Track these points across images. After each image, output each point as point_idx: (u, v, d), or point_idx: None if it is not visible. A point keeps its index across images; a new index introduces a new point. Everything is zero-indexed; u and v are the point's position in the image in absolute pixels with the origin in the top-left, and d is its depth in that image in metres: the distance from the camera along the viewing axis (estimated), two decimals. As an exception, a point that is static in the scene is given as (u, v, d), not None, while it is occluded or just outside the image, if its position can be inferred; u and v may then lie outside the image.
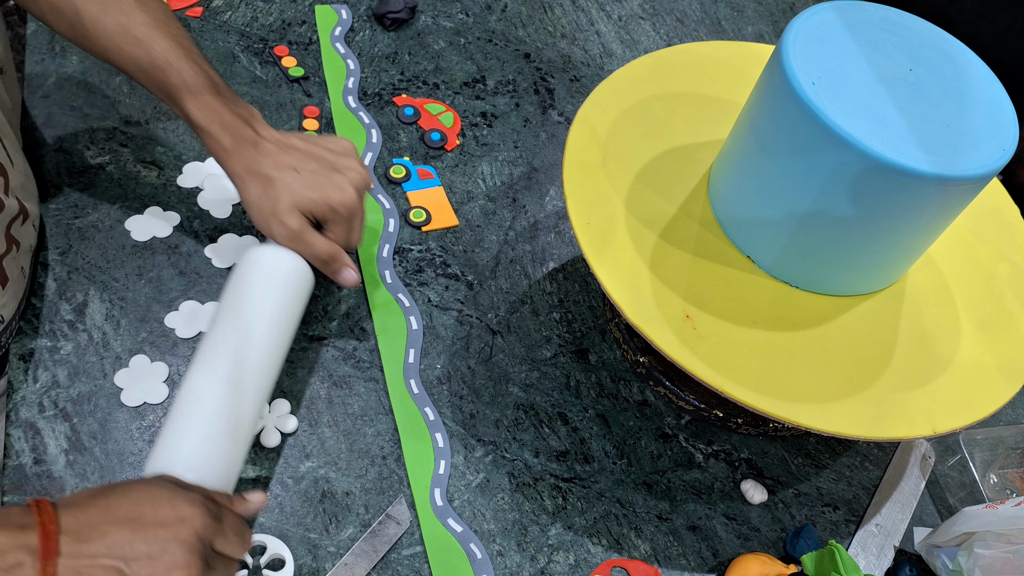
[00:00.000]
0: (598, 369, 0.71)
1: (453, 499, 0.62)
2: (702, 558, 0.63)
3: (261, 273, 0.60)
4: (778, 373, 0.55)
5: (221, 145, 0.61)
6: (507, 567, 0.60)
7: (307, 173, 0.61)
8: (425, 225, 0.77)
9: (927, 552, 0.64)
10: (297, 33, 0.89)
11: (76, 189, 0.72)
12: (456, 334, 0.70)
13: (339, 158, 0.63)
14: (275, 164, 0.60)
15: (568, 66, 0.94)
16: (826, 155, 0.51)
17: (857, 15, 0.56)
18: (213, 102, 0.61)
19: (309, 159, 0.62)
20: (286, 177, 0.60)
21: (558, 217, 0.80)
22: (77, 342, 0.64)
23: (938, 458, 0.71)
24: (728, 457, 0.68)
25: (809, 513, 0.66)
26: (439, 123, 0.85)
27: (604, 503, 0.64)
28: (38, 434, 0.60)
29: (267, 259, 0.61)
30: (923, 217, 0.53)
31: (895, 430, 0.54)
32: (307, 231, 0.61)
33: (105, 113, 0.78)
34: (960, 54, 0.56)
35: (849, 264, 0.58)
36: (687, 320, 0.56)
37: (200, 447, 0.53)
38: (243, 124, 0.61)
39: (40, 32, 0.83)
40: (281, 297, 0.60)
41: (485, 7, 0.97)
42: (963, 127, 0.52)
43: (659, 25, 1.02)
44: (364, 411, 0.65)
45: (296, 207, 0.60)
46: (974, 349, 0.59)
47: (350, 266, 0.63)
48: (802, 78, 0.51)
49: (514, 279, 0.75)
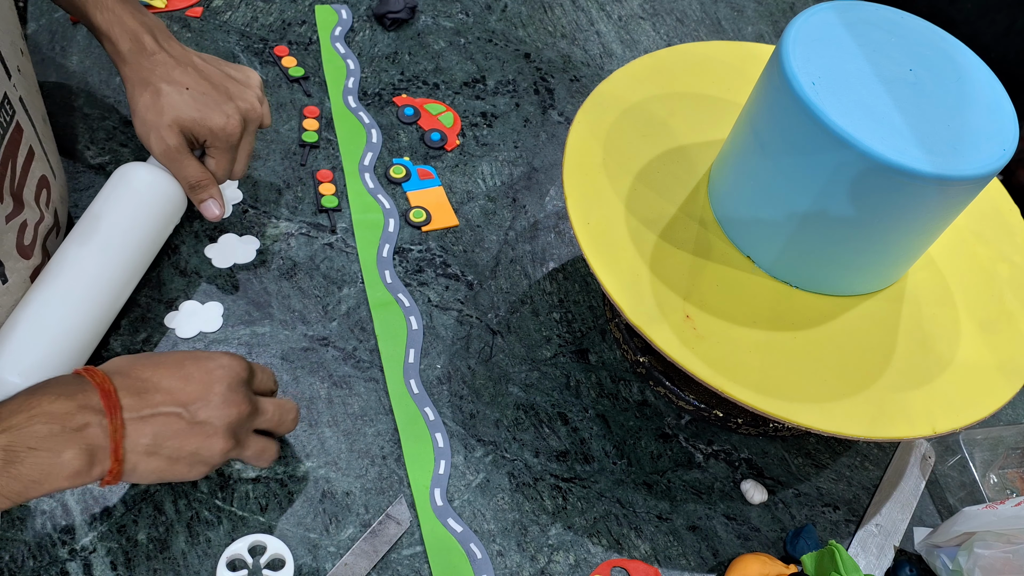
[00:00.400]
0: (598, 369, 0.71)
1: (453, 499, 0.62)
2: (702, 558, 0.63)
3: (126, 185, 0.61)
4: (778, 373, 0.55)
5: (118, 51, 0.61)
6: (507, 567, 0.60)
7: (197, 93, 0.61)
8: (425, 225, 0.77)
9: (927, 552, 0.64)
10: (297, 33, 0.89)
11: (76, 189, 0.72)
12: (456, 334, 0.70)
13: (237, 86, 0.63)
14: (167, 78, 0.60)
15: (568, 66, 0.94)
16: (826, 155, 0.51)
17: (857, 15, 0.56)
18: (116, 6, 0.60)
19: (204, 80, 0.62)
20: (174, 92, 0.60)
21: (558, 217, 0.80)
22: (77, 342, 0.64)
23: (938, 458, 0.71)
24: (728, 457, 0.68)
25: (809, 513, 0.66)
26: (439, 123, 0.85)
27: (604, 503, 0.64)
28: (38, 434, 0.60)
29: (135, 174, 0.61)
30: (923, 217, 0.53)
31: (895, 430, 0.54)
32: (183, 152, 0.61)
33: (105, 113, 0.78)
34: (960, 54, 0.56)
35: (849, 264, 0.58)
36: (687, 320, 0.56)
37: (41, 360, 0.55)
38: (145, 32, 0.61)
39: (40, 32, 0.83)
40: (138, 209, 0.61)
41: (485, 7, 0.97)
42: (963, 127, 0.52)
43: (659, 25, 1.02)
44: (364, 411, 0.65)
45: (177, 124, 0.60)
46: (974, 349, 0.59)
47: (216, 199, 0.63)
48: (802, 78, 0.51)
49: (514, 279, 0.75)
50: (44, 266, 0.63)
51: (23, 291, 0.59)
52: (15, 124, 0.56)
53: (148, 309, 0.67)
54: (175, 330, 0.66)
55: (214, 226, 0.72)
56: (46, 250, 0.63)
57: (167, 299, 0.67)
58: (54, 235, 0.64)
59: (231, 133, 0.62)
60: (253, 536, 0.57)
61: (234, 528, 0.58)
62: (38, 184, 0.60)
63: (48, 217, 0.62)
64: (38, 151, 0.60)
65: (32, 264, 0.60)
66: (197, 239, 0.71)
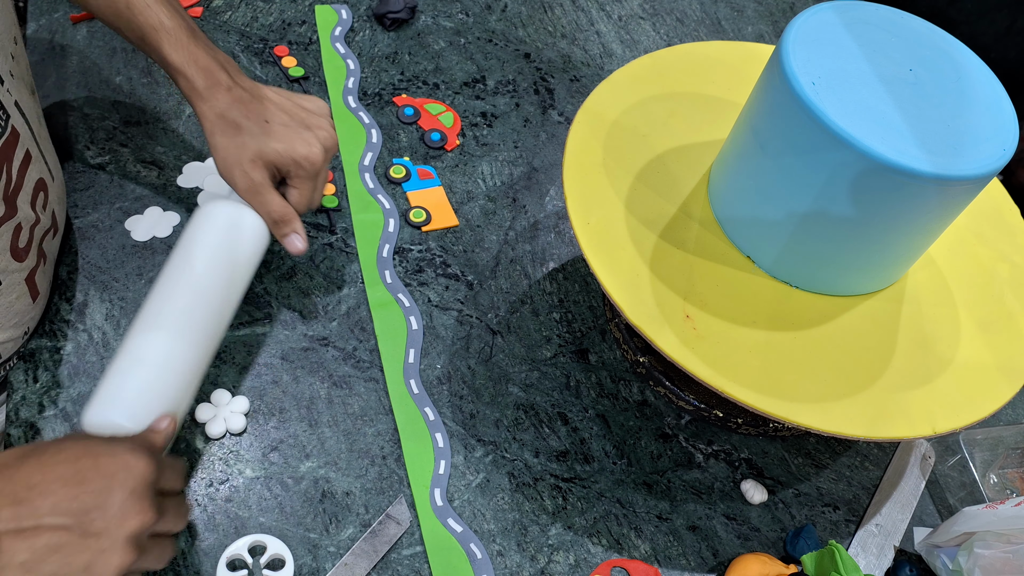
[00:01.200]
0: (598, 369, 0.71)
1: (453, 499, 0.62)
2: (702, 558, 0.63)
3: (214, 226, 0.60)
4: (778, 373, 0.55)
5: (194, 87, 0.60)
6: (507, 567, 0.60)
7: (276, 125, 0.61)
8: (425, 225, 0.77)
9: (927, 552, 0.64)
10: (297, 33, 0.89)
11: (76, 189, 0.72)
12: (456, 334, 0.70)
13: (311, 116, 0.63)
14: (246, 112, 0.60)
15: (568, 66, 0.94)
16: (826, 155, 0.51)
17: (857, 15, 0.56)
18: (189, 44, 0.60)
19: (280, 112, 0.61)
20: (255, 127, 0.60)
21: (558, 217, 0.80)
22: (77, 342, 0.64)
23: (938, 458, 0.71)
24: (728, 457, 0.68)
25: (809, 513, 0.66)
26: (439, 123, 0.85)
27: (604, 503, 0.64)
28: (38, 434, 0.60)
29: (221, 212, 0.60)
30: (923, 217, 0.53)
31: (895, 430, 0.54)
32: (266, 187, 0.60)
33: (105, 113, 0.78)
34: (960, 54, 0.56)
35: (849, 264, 0.58)
36: (687, 320, 0.56)
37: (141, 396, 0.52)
38: (219, 68, 0.60)
39: (40, 32, 0.83)
40: (233, 252, 0.59)
41: (485, 7, 0.97)
42: (963, 127, 0.52)
43: (659, 25, 1.02)
44: (364, 411, 0.65)
45: (261, 159, 0.60)
46: (974, 349, 0.59)
47: (300, 233, 0.62)
48: (802, 78, 0.51)
49: (514, 279, 0.75)
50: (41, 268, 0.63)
51: (16, 293, 0.59)
52: (10, 129, 0.55)
53: (148, 309, 0.67)
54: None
55: (214, 226, 0.72)
56: (42, 251, 0.62)
57: (167, 299, 0.67)
58: (51, 236, 0.64)
59: (314, 162, 0.61)
60: (253, 536, 0.57)
61: (234, 528, 0.58)
62: (35, 187, 0.60)
63: (45, 219, 0.62)
64: (35, 153, 0.60)
65: (27, 266, 0.60)
66: (197, 239, 0.71)
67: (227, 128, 0.60)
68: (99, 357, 0.64)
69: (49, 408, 0.61)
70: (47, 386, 0.62)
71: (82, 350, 0.64)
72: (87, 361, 0.63)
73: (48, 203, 0.63)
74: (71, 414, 0.61)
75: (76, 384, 0.62)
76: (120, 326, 0.65)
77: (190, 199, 0.74)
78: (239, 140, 0.59)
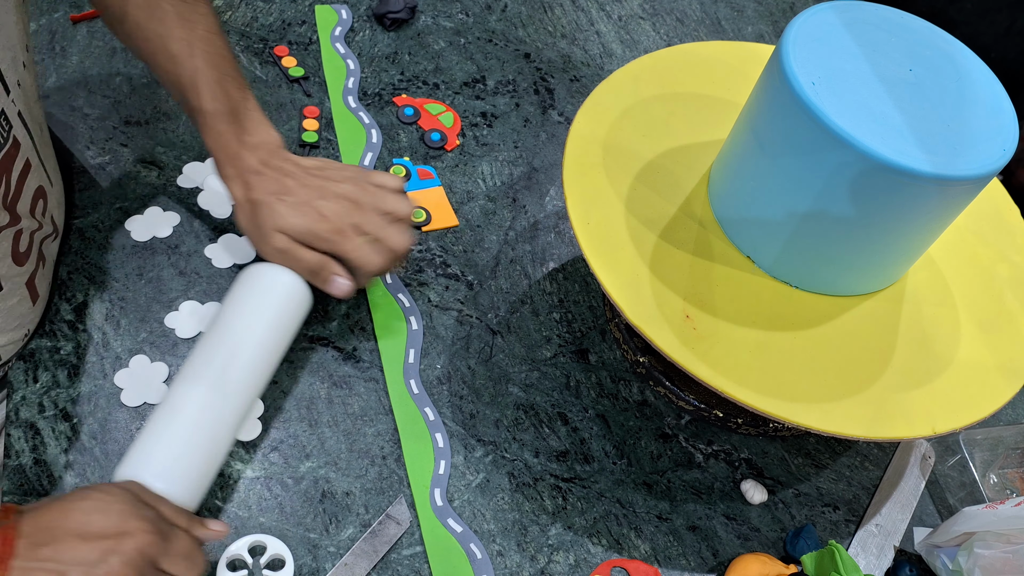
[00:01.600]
0: (598, 369, 0.71)
1: (453, 499, 0.62)
2: (702, 558, 0.63)
3: (256, 289, 0.61)
4: (778, 373, 0.55)
5: (223, 171, 0.63)
6: (507, 567, 0.60)
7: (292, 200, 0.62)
8: (425, 225, 0.77)
9: (927, 552, 0.64)
10: (297, 33, 0.89)
11: (76, 189, 0.72)
12: (456, 334, 0.70)
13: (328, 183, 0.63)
14: (266, 190, 0.62)
15: (568, 66, 0.94)
16: (826, 155, 0.51)
17: (857, 15, 0.56)
18: (225, 130, 0.62)
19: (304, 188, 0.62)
20: (272, 202, 0.61)
21: (558, 217, 0.80)
22: (77, 342, 0.64)
23: (938, 458, 0.71)
24: (728, 457, 0.68)
25: (809, 513, 0.66)
26: (439, 123, 0.85)
27: (604, 503, 0.64)
28: (38, 434, 0.60)
29: (264, 275, 0.62)
30: (923, 217, 0.53)
31: (895, 430, 0.54)
32: (294, 247, 0.62)
33: (105, 113, 0.78)
34: (960, 54, 0.56)
35: (849, 264, 0.58)
36: (687, 320, 0.56)
37: (174, 457, 0.54)
38: (248, 153, 0.62)
39: (40, 32, 0.83)
40: (272, 315, 0.61)
41: (485, 7, 0.97)
42: (963, 127, 0.52)
43: (659, 25, 1.02)
44: (364, 411, 0.65)
45: (278, 231, 0.61)
46: (974, 349, 0.59)
47: (340, 275, 0.63)
48: (802, 78, 0.51)
49: (514, 279, 0.75)
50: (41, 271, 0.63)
51: (18, 297, 0.59)
52: (12, 140, 0.56)
53: (148, 309, 0.67)
54: (175, 330, 0.66)
55: (214, 226, 0.72)
56: (42, 255, 0.63)
57: (167, 299, 0.67)
58: (50, 240, 0.64)
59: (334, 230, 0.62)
60: (253, 536, 0.57)
61: (234, 528, 0.58)
62: (34, 195, 0.60)
63: (46, 225, 0.63)
64: (35, 162, 0.60)
65: (27, 270, 0.60)
66: (197, 239, 0.71)
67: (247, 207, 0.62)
68: (99, 357, 0.64)
69: (49, 408, 0.61)
70: (47, 386, 0.62)
71: (82, 350, 0.64)
72: (87, 361, 0.63)
73: (47, 209, 0.63)
74: (71, 414, 0.61)
75: (76, 384, 0.62)
76: (120, 326, 0.65)
77: (190, 199, 0.74)
78: (257, 216, 0.62)
